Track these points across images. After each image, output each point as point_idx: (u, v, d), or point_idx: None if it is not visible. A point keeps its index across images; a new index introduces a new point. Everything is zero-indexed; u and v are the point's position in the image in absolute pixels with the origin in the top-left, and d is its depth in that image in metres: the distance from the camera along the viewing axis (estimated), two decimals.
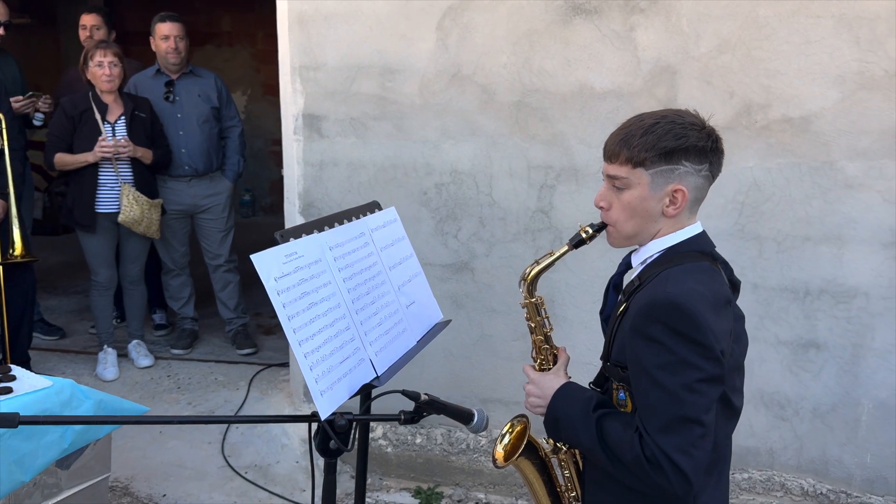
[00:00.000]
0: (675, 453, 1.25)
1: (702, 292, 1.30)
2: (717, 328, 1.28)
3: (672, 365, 1.27)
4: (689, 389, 1.26)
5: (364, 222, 1.66)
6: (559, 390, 1.46)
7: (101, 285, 3.82)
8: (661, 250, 1.42)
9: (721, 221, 2.90)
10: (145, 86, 3.94)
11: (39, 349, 4.19)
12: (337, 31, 3.08)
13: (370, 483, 3.31)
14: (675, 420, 1.26)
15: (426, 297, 1.81)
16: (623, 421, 1.35)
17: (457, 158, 3.07)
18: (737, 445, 2.97)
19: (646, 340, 1.30)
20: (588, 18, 2.89)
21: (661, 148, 1.35)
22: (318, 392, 1.29)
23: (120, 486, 3.11)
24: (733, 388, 1.41)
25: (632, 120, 1.44)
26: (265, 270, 1.27)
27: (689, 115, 1.42)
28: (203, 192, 4.03)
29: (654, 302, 1.30)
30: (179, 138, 3.93)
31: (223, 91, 4.08)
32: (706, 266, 1.39)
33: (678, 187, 1.37)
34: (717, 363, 1.27)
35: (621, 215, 1.42)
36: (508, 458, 1.55)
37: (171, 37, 3.84)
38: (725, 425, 1.42)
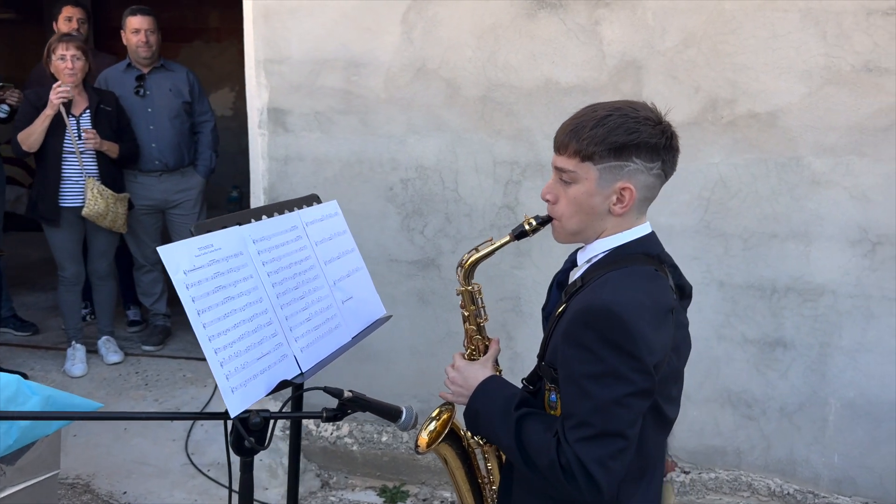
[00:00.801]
0: (591, 464, 1.20)
1: (642, 301, 1.25)
2: (653, 340, 1.23)
3: (602, 376, 1.22)
4: (617, 403, 1.21)
5: (297, 215, 1.62)
6: (483, 382, 1.42)
7: (67, 280, 3.78)
8: (607, 250, 1.36)
9: (687, 218, 2.87)
10: (116, 80, 3.90)
11: (10, 345, 4.17)
12: (302, 24, 3.04)
13: (335, 481, 3.28)
14: (599, 432, 1.21)
15: (367, 292, 1.77)
16: (544, 423, 1.31)
17: (422, 153, 3.04)
18: (703, 445, 2.97)
19: (577, 347, 1.25)
20: (553, 12, 2.85)
21: (610, 142, 1.28)
22: (228, 389, 1.26)
23: (81, 483, 3.08)
24: (668, 398, 1.35)
25: (585, 110, 1.37)
26: (173, 263, 1.24)
27: (646, 108, 1.35)
28: (174, 188, 3.99)
29: (589, 308, 1.25)
30: (150, 133, 3.89)
31: (195, 85, 4.03)
32: (650, 271, 1.33)
33: (626, 185, 1.30)
34: (648, 377, 1.22)
35: (567, 210, 1.36)
36: (431, 444, 1.51)
37: (142, 30, 3.80)
38: (656, 435, 1.36)
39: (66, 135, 3.58)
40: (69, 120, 3.57)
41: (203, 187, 4.14)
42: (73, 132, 3.58)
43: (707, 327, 2.92)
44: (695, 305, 2.97)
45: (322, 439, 3.29)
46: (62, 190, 3.61)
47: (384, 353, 3.22)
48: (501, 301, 3.07)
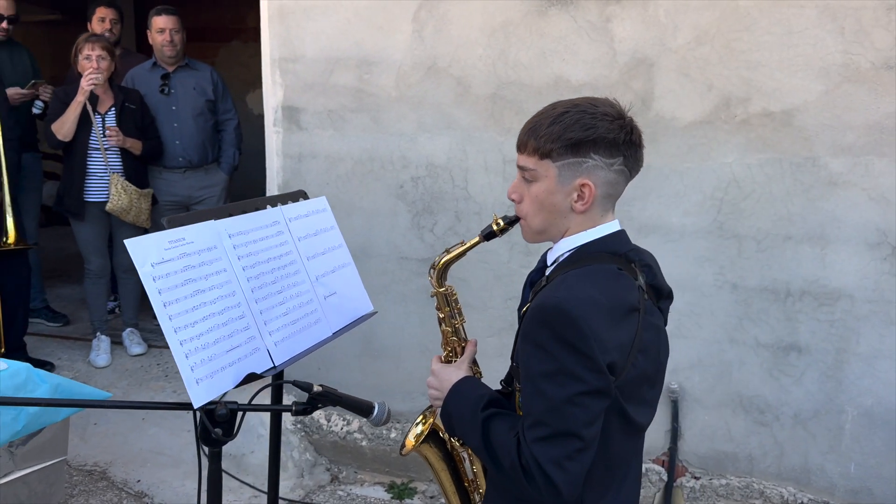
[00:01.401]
0: (547, 464, 1.19)
1: (596, 299, 1.23)
2: (606, 339, 1.21)
3: (555, 374, 1.21)
4: (570, 402, 1.19)
5: (280, 211, 1.64)
6: (456, 384, 1.41)
7: (93, 273, 3.90)
8: (571, 249, 1.35)
9: (699, 218, 2.82)
10: (142, 78, 4.00)
11: (41, 335, 4.31)
12: (316, 22, 3.08)
13: (345, 476, 3.31)
14: (553, 432, 1.20)
15: (352, 288, 1.78)
16: (509, 424, 1.30)
17: (432, 152, 3.04)
18: (714, 450, 2.91)
19: (533, 346, 1.24)
20: (564, 9, 2.82)
21: (567, 139, 1.28)
22: (192, 380, 1.28)
23: (98, 470, 3.17)
24: (639, 401, 1.32)
25: (545, 108, 1.37)
26: (140, 256, 1.27)
27: (606, 104, 1.34)
28: (198, 184, 4.08)
29: (542, 306, 1.24)
30: (174, 130, 3.98)
31: (219, 84, 4.11)
32: (611, 270, 1.31)
33: (585, 182, 1.29)
34: (601, 376, 1.20)
35: (530, 209, 1.36)
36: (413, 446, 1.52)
37: (167, 30, 3.89)
38: (623, 438, 1.33)
39: (92, 131, 3.69)
40: (95, 117, 3.67)
41: (226, 184, 4.21)
42: (99, 129, 3.68)
43: (719, 330, 2.86)
44: (707, 308, 2.94)
45: (332, 434, 3.33)
46: (87, 185, 3.72)
47: (393, 349, 3.24)
48: (511, 301, 3.06)
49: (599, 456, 1.28)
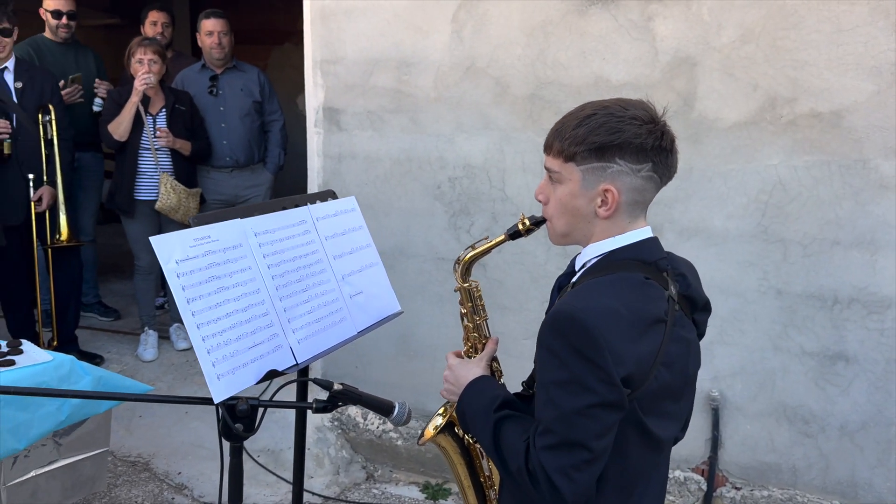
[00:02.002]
0: (554, 473, 1.17)
1: (615, 309, 1.19)
2: (622, 351, 1.17)
3: (566, 384, 1.18)
4: (580, 413, 1.17)
5: (307, 210, 1.66)
6: (471, 382, 1.41)
7: (142, 269, 4.01)
8: (598, 255, 1.32)
9: (742, 222, 2.74)
10: (191, 80, 4.10)
11: (93, 329, 4.45)
12: (356, 24, 3.11)
13: (380, 474, 3.33)
14: (562, 441, 1.18)
15: (379, 287, 1.79)
16: (521, 427, 1.28)
17: (470, 152, 3.04)
18: (756, 460, 2.83)
19: (546, 353, 1.22)
20: (604, 8, 2.78)
21: (591, 142, 1.25)
22: (213, 376, 1.30)
23: (141, 461, 3.26)
24: (660, 414, 1.28)
25: (575, 109, 1.33)
26: (165, 253, 1.30)
27: (638, 107, 1.29)
28: (244, 183, 4.16)
29: (557, 314, 1.21)
30: (221, 130, 4.07)
31: (266, 86, 4.19)
32: (637, 279, 1.27)
33: (608, 187, 1.26)
34: (614, 389, 1.17)
35: (555, 211, 1.34)
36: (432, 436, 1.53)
37: (215, 32, 3.98)
38: (643, 453, 1.29)
39: (143, 132, 3.80)
40: (146, 118, 3.78)
41: (271, 184, 4.29)
42: (150, 130, 3.79)
43: (762, 337, 2.78)
44: (750, 315, 2.86)
45: (368, 432, 3.35)
46: (138, 184, 3.84)
47: (430, 350, 3.25)
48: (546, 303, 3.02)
49: (615, 468, 1.25)
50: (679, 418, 1.37)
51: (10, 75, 3.67)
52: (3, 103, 3.60)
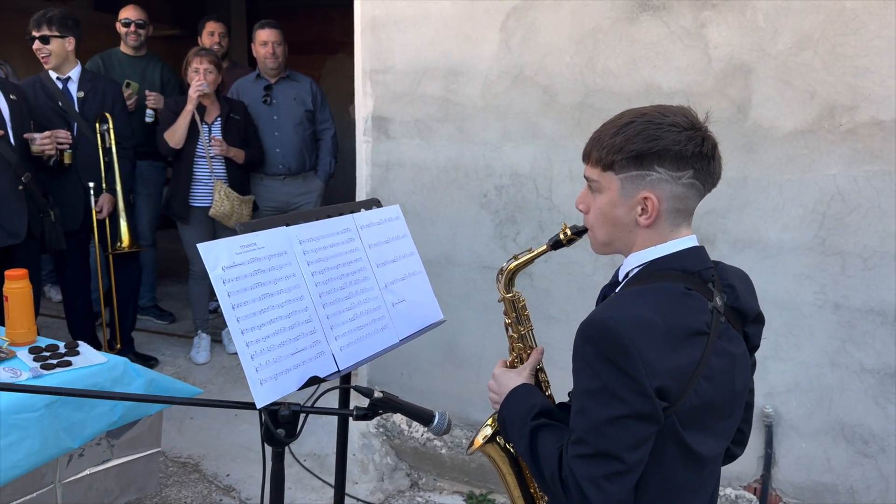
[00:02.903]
0: (584, 482, 1.16)
1: (649, 319, 1.17)
2: (656, 361, 1.15)
3: (598, 393, 1.17)
4: (611, 423, 1.15)
5: (352, 218, 1.68)
6: (513, 391, 1.40)
7: (196, 274, 4.11)
8: (640, 265, 1.30)
9: (799, 233, 2.66)
10: (246, 89, 4.20)
11: (149, 331, 4.58)
12: (405, 34, 3.13)
13: (424, 482, 3.33)
14: (593, 451, 1.17)
15: (422, 296, 1.79)
16: (556, 436, 1.27)
17: (517, 161, 3.02)
18: (811, 480, 2.74)
19: (579, 361, 1.20)
20: (656, 15, 2.74)
21: (629, 150, 1.23)
22: (257, 381, 1.32)
23: (192, 462, 3.33)
24: (703, 430, 1.25)
25: (613, 117, 1.31)
26: (212, 259, 1.32)
27: (678, 113, 1.26)
28: (296, 191, 4.23)
29: (589, 322, 1.20)
30: (275, 139, 4.15)
31: (318, 95, 4.26)
32: (676, 289, 1.24)
33: (648, 195, 1.24)
34: (647, 400, 1.14)
35: (595, 220, 1.33)
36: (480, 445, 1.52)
37: (269, 42, 4.07)
38: (684, 470, 1.26)
39: (199, 140, 3.90)
40: (202, 127, 3.88)
41: (322, 191, 4.35)
42: (205, 138, 3.89)
43: (819, 353, 2.69)
44: (806, 330, 2.77)
45: (413, 440, 3.36)
46: (193, 190, 3.94)
47: (475, 358, 3.24)
48: None
49: (655, 484, 1.22)
50: (727, 435, 1.33)
51: (73, 85, 3.82)
52: (65, 113, 3.74)
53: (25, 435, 2.09)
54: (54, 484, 2.23)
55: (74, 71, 3.81)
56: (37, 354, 2.41)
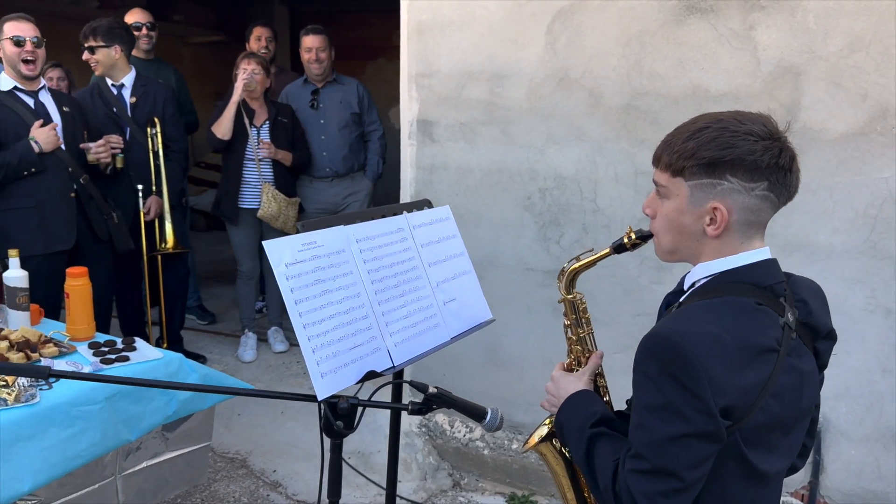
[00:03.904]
0: (640, 497, 1.15)
1: (717, 336, 1.14)
2: (724, 380, 1.12)
3: (660, 409, 1.15)
4: (673, 441, 1.13)
5: (405, 218, 1.72)
6: (571, 396, 1.40)
7: (244, 274, 4.21)
8: (708, 276, 1.26)
9: (850, 237, 2.62)
10: (295, 94, 4.28)
11: (197, 330, 4.69)
12: (451, 39, 3.17)
13: (466, 483, 3.35)
14: (652, 468, 1.16)
15: (472, 295, 1.82)
16: (614, 447, 1.27)
17: (561, 163, 3.04)
18: (860, 487, 2.70)
19: (642, 376, 1.19)
20: (704, 17, 2.74)
21: (701, 157, 1.19)
22: (318, 374, 1.37)
23: (239, 458, 3.40)
24: (767, 448, 1.22)
25: (688, 121, 1.27)
26: (276, 256, 1.37)
27: (756, 121, 1.21)
28: (343, 192, 4.30)
29: (653, 337, 1.18)
30: (321, 142, 4.22)
31: (365, 97, 4.32)
32: (747, 304, 1.20)
33: (717, 205, 1.20)
34: (711, 420, 1.12)
35: (661, 227, 1.29)
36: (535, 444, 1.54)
37: (314, 49, 4.14)
38: (744, 488, 1.23)
39: (247, 143, 4.00)
40: (251, 130, 3.98)
41: (370, 191, 4.42)
42: (254, 141, 3.98)
43: (870, 358, 2.65)
44: (856, 334, 2.74)
45: (455, 440, 3.38)
46: (242, 192, 4.04)
47: (517, 360, 3.25)
48: (639, 317, 2.98)
49: (713, 501, 1.21)
50: (790, 453, 1.30)
51: (126, 91, 3.94)
52: (119, 118, 3.86)
53: (87, 426, 2.17)
54: (114, 476, 2.30)
55: (128, 77, 3.93)
56: (96, 349, 2.50)
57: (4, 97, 3.30)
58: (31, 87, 3.36)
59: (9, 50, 3.27)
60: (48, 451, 2.07)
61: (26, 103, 3.34)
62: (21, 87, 3.34)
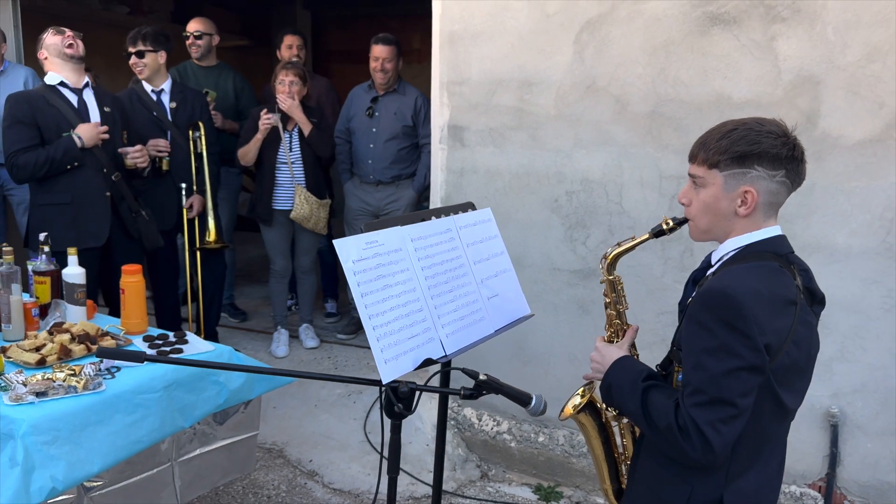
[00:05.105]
0: (704, 426, 1.37)
1: (757, 289, 1.40)
2: (764, 322, 1.37)
3: (716, 350, 1.38)
4: (728, 374, 1.37)
5: (453, 220, 1.85)
6: (617, 360, 1.61)
7: (277, 273, 4.36)
8: (737, 248, 1.51)
9: (867, 239, 2.74)
10: (357, 97, 4.43)
11: (230, 327, 4.86)
12: (481, 48, 3.31)
13: (494, 474, 3.48)
14: (711, 399, 1.38)
15: (512, 291, 1.96)
16: (666, 393, 1.48)
17: (588, 167, 3.17)
18: (876, 479, 2.84)
19: (697, 325, 1.42)
20: (727, 28, 2.86)
21: (733, 152, 1.46)
22: (382, 360, 1.51)
23: (276, 448, 3.55)
24: (789, 388, 1.48)
25: (717, 126, 1.55)
26: (345, 254, 1.52)
27: (772, 123, 1.50)
28: (387, 198, 4.43)
29: (709, 291, 1.42)
30: (369, 150, 4.36)
31: (422, 110, 4.36)
32: (773, 266, 1.46)
33: (749, 189, 1.46)
34: (758, 354, 1.37)
35: (698, 211, 1.55)
36: (573, 412, 1.72)
37: (381, 59, 4.26)
38: (773, 419, 1.49)
39: (280, 147, 4.15)
40: (284, 135, 4.13)
41: (413, 200, 4.50)
42: (287, 146, 4.13)
43: (886, 355, 2.76)
44: (872, 332, 2.86)
45: (483, 433, 3.52)
46: (275, 194, 4.19)
47: (544, 357, 3.38)
48: (663, 315, 3.11)
49: (751, 432, 1.44)
50: (803, 393, 1.55)
51: (166, 96, 4.10)
52: (160, 122, 4.03)
53: (148, 413, 2.33)
54: (171, 462, 2.45)
55: (167, 83, 4.10)
56: (150, 342, 2.66)
57: (50, 94, 3.46)
58: (76, 84, 3.51)
59: (51, 41, 3.44)
60: (114, 436, 2.23)
61: (69, 100, 3.50)
62: (67, 84, 3.49)
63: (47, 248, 2.81)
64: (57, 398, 2.16)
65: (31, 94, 3.52)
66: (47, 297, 2.81)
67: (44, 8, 6.09)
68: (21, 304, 2.61)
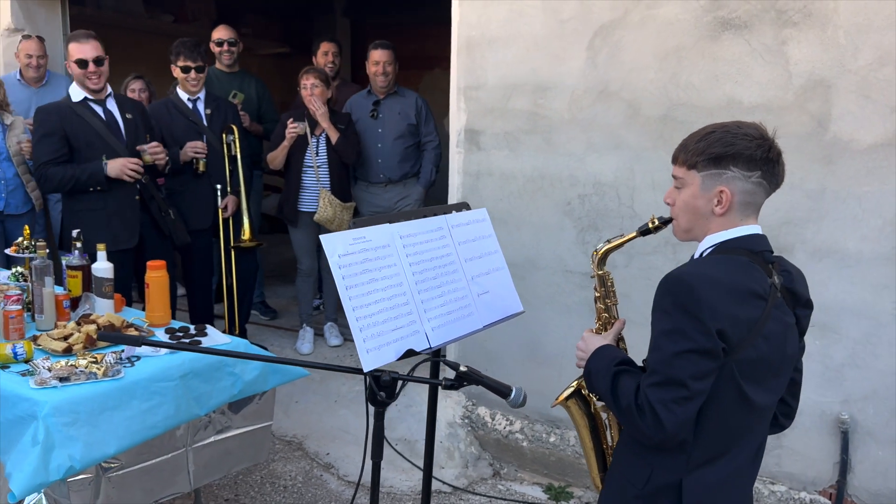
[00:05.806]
0: (657, 404, 1.43)
1: (715, 277, 1.46)
2: (719, 308, 1.43)
3: (670, 332, 1.45)
4: (678, 356, 1.43)
5: (445, 219, 1.93)
6: (599, 348, 1.67)
7: (303, 272, 4.50)
8: (712, 245, 1.57)
9: (878, 244, 2.72)
10: (358, 104, 4.55)
11: (259, 324, 5.01)
12: (497, 54, 3.38)
13: (506, 472, 3.53)
14: (665, 379, 1.44)
15: (504, 289, 2.02)
16: (635, 377, 1.54)
17: (600, 171, 3.20)
18: (887, 488, 2.82)
19: (658, 310, 1.50)
20: (738, 33, 2.87)
21: (710, 153, 1.53)
22: (364, 349, 1.59)
23: (296, 441, 3.67)
24: (756, 383, 1.51)
25: (698, 129, 1.61)
26: (331, 248, 1.60)
27: (751, 127, 1.55)
28: (396, 197, 4.54)
29: (668, 278, 1.50)
30: (377, 150, 4.48)
31: (423, 109, 4.52)
32: (742, 260, 1.52)
33: (723, 189, 1.52)
34: (709, 337, 1.42)
35: (680, 211, 1.62)
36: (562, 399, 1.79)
37: (381, 63, 4.39)
38: (738, 412, 1.52)
39: (307, 151, 4.28)
40: (311, 139, 4.26)
41: (422, 196, 4.62)
42: (313, 150, 4.26)
43: None
44: (883, 338, 2.84)
45: (496, 432, 3.57)
46: (301, 197, 4.33)
47: (556, 357, 3.42)
48: None
49: (713, 422, 1.49)
50: (776, 391, 1.59)
51: (201, 104, 4.28)
52: (197, 127, 4.21)
53: (163, 400, 2.45)
54: (185, 448, 2.58)
55: (202, 92, 4.28)
56: (171, 335, 2.79)
57: (78, 107, 3.65)
58: (98, 97, 3.70)
59: (75, 70, 3.63)
60: (130, 421, 2.35)
61: (96, 112, 3.69)
62: (90, 98, 3.68)
63: (79, 243, 2.98)
64: (78, 383, 2.30)
65: (61, 105, 3.70)
66: (79, 290, 2.97)
67: (92, 17, 6.37)
68: (53, 295, 2.78)
